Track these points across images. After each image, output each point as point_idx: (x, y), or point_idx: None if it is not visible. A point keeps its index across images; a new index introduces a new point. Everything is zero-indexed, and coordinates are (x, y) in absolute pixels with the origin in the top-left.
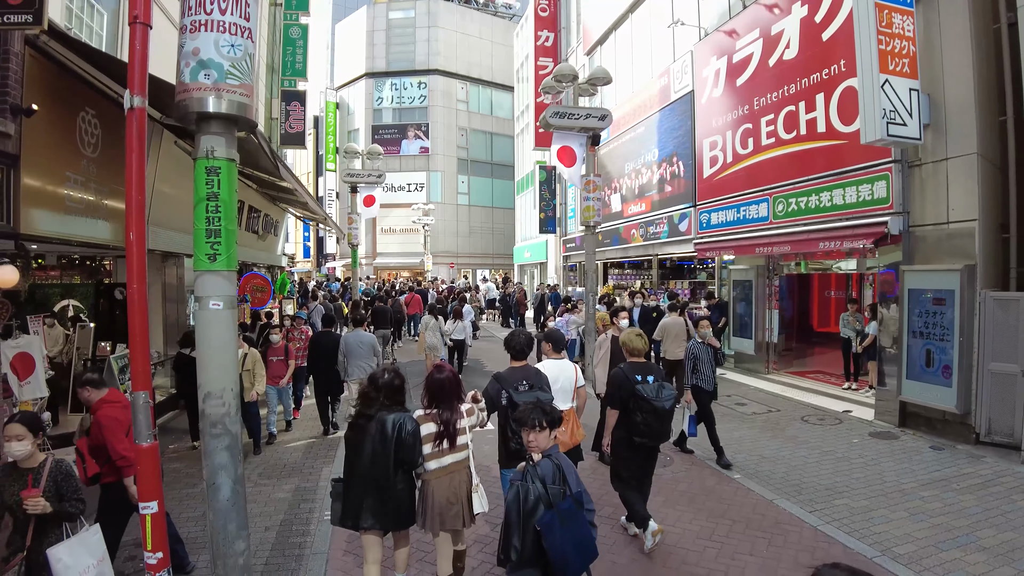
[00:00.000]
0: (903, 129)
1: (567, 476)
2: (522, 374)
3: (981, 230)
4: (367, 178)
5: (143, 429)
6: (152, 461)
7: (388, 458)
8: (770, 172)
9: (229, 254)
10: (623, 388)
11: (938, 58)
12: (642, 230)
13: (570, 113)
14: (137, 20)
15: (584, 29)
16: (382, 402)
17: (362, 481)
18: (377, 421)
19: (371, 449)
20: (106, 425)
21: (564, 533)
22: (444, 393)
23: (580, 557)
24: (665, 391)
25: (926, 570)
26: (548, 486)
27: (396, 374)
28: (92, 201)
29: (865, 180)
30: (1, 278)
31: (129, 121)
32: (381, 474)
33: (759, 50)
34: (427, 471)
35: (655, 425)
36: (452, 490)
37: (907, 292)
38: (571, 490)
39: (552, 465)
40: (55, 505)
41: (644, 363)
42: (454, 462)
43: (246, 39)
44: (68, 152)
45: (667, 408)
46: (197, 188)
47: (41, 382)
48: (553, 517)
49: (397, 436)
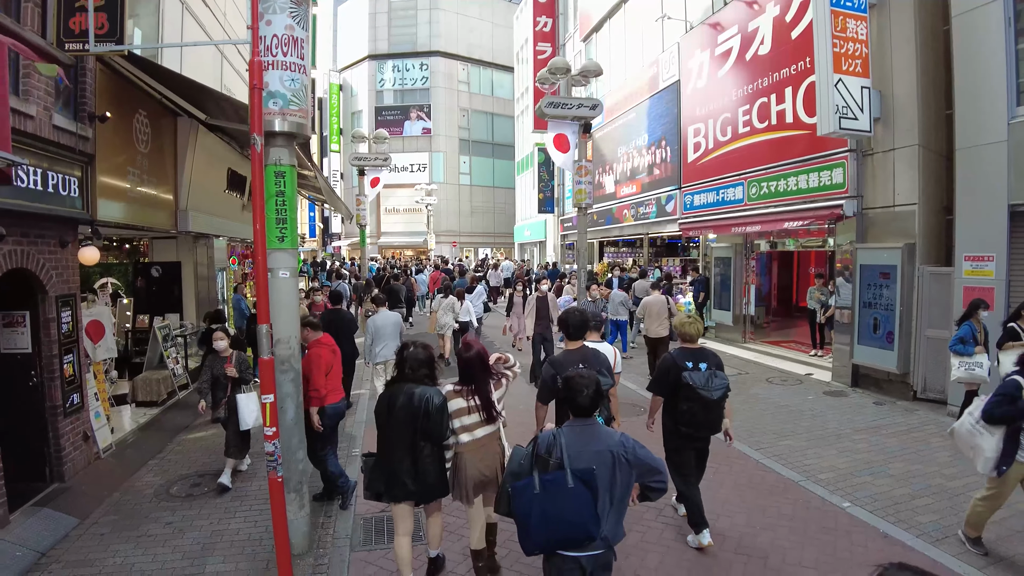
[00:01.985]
0: (855, 123)
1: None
2: (578, 356)
3: (921, 212)
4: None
5: (265, 347)
6: (269, 369)
7: (415, 431)
8: (746, 158)
9: (292, 236)
10: (670, 373)
11: (888, 59)
12: (633, 211)
13: (564, 103)
14: (256, 87)
15: (581, 16)
16: (410, 374)
17: (391, 452)
18: (405, 394)
19: (399, 421)
20: (314, 361)
21: (534, 501)
22: (474, 369)
23: (544, 530)
24: (716, 380)
25: (839, 490)
26: (538, 455)
27: (424, 348)
28: (144, 192)
29: (825, 167)
30: (86, 256)
31: (253, 151)
32: (408, 445)
33: (737, 45)
34: (460, 443)
35: (700, 415)
36: (485, 463)
37: (859, 267)
38: (570, 464)
39: (549, 435)
40: (240, 374)
41: (697, 349)
42: (486, 435)
43: (302, 74)
44: (128, 149)
45: (715, 399)
46: (268, 187)
47: (111, 344)
48: (528, 483)
49: (424, 409)
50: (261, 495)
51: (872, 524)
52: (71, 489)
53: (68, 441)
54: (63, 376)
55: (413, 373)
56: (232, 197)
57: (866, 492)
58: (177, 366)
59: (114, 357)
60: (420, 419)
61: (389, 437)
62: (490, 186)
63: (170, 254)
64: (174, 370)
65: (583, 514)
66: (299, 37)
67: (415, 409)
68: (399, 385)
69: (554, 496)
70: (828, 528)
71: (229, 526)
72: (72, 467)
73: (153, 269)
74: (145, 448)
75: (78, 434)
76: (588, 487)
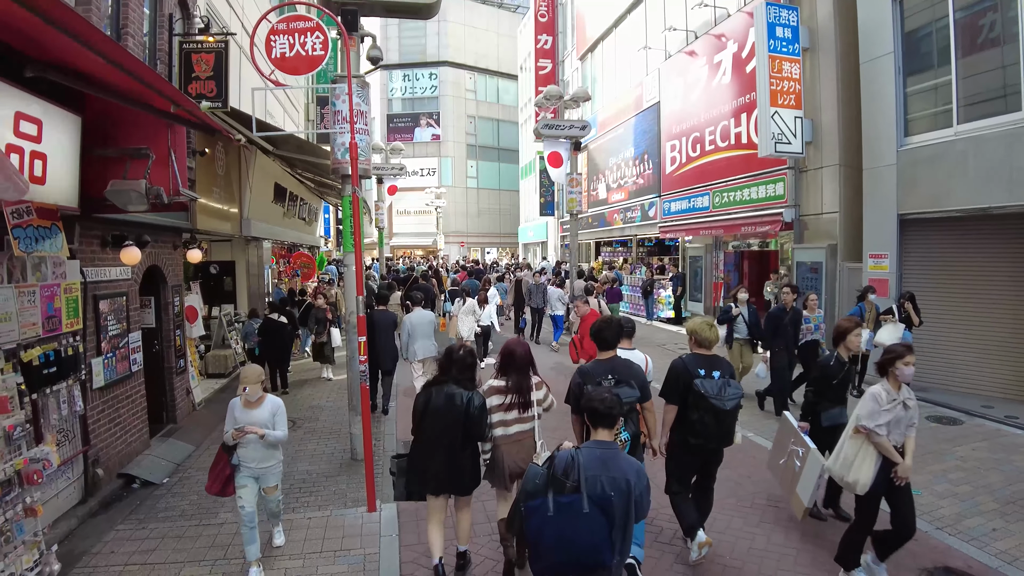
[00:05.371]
0: (788, 147)
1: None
2: (609, 367)
3: (841, 219)
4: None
5: (357, 306)
6: (362, 322)
7: (454, 430)
8: (711, 172)
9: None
10: (680, 380)
11: (818, 93)
12: (622, 215)
13: (557, 125)
14: (354, 159)
15: (578, 37)
16: (454, 375)
17: (429, 449)
18: (445, 395)
19: (439, 420)
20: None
21: (546, 523)
22: (516, 363)
23: (560, 553)
24: (730, 389)
25: (761, 435)
26: (555, 475)
27: (469, 353)
28: (220, 206)
29: (771, 181)
30: (194, 257)
31: (355, 198)
32: (447, 444)
33: (706, 74)
34: (496, 437)
35: (712, 426)
36: (521, 456)
37: (796, 263)
38: (587, 489)
39: (567, 456)
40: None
41: (710, 356)
42: (520, 431)
43: (366, 135)
44: (211, 173)
45: (727, 408)
46: (344, 209)
47: (200, 326)
48: (542, 504)
49: (466, 410)
50: (324, 432)
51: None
52: (182, 428)
53: (179, 393)
54: (175, 345)
55: (459, 375)
56: (277, 207)
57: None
58: (237, 346)
59: (203, 335)
60: (461, 419)
61: (427, 434)
62: (496, 189)
63: (225, 254)
64: (236, 349)
65: (596, 540)
66: (364, 110)
67: (456, 409)
68: (439, 386)
69: (568, 520)
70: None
71: (307, 447)
72: (181, 413)
73: (211, 267)
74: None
75: (183, 389)
76: (604, 513)
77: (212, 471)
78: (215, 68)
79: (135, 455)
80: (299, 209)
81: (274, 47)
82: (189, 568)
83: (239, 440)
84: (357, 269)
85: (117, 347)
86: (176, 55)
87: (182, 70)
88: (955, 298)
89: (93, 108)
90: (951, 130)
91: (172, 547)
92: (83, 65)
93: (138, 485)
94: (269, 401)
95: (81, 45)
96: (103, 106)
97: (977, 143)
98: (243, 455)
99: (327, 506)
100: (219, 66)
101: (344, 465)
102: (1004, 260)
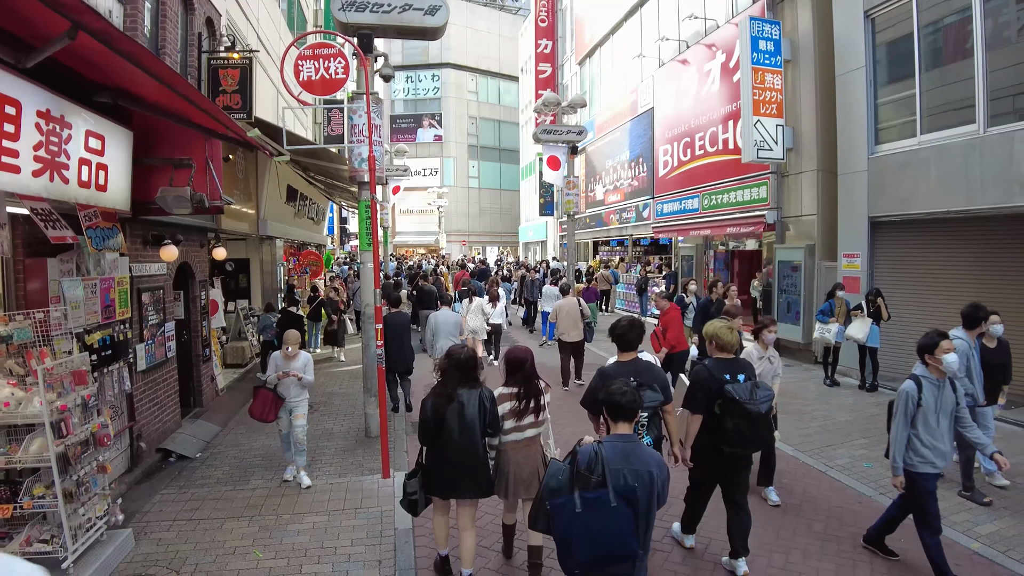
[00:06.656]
0: (770, 153)
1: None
2: (632, 369)
3: (819, 220)
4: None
5: (375, 298)
6: (378, 311)
7: (475, 431)
8: (701, 175)
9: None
10: (707, 387)
11: (799, 102)
12: (618, 215)
13: (555, 130)
14: (372, 171)
15: (576, 42)
16: (458, 378)
17: (445, 455)
18: (457, 401)
19: (455, 423)
20: (667, 322)
21: (575, 520)
22: (524, 369)
23: (589, 549)
24: (760, 392)
25: None
26: (579, 471)
27: (471, 356)
28: (240, 208)
29: (755, 185)
30: (219, 255)
31: (373, 205)
32: (466, 446)
33: (696, 82)
34: (503, 443)
35: (748, 432)
36: (529, 461)
37: (777, 263)
38: (611, 482)
39: (590, 451)
40: (343, 308)
41: (734, 360)
42: (531, 436)
43: (380, 145)
44: (232, 177)
45: (762, 412)
46: (360, 213)
47: (221, 318)
48: (568, 501)
49: (479, 408)
50: (339, 414)
51: None
52: (208, 411)
53: (205, 380)
54: (201, 336)
55: (463, 377)
56: (289, 207)
57: None
58: (253, 338)
59: (223, 327)
60: (479, 418)
61: (444, 439)
62: (497, 189)
63: (240, 252)
64: (252, 341)
65: (625, 533)
66: (378, 124)
67: (472, 410)
68: (446, 391)
69: (596, 515)
70: None
71: (323, 426)
72: (206, 397)
73: (227, 264)
74: (245, 391)
75: (208, 376)
76: (630, 505)
77: (255, 404)
78: (240, 82)
79: (169, 433)
80: (308, 209)
81: (302, 71)
82: (230, 523)
83: (282, 380)
84: (375, 266)
85: (155, 335)
86: (204, 70)
87: (210, 83)
88: (921, 294)
89: (139, 123)
90: (915, 140)
91: (212, 507)
92: (141, 89)
93: (174, 459)
94: (302, 355)
95: (151, 77)
96: (147, 121)
97: (939, 152)
98: (282, 392)
99: (346, 474)
100: (244, 80)
101: (359, 441)
102: (965, 259)
